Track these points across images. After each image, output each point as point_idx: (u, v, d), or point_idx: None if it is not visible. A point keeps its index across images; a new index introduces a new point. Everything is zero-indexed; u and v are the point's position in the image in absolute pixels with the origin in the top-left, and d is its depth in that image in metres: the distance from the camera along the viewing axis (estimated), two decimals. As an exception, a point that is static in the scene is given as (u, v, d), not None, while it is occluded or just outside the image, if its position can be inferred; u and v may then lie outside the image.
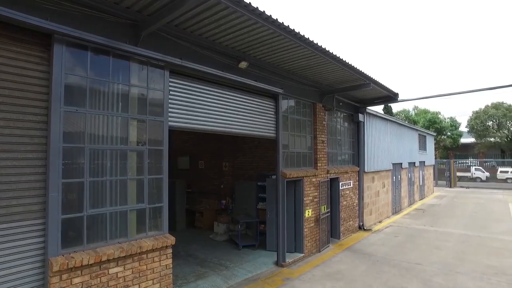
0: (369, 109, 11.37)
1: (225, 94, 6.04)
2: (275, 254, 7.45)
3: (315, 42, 5.68)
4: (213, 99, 5.78)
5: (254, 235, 9.04)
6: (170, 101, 4.96)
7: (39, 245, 3.60)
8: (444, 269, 7.09)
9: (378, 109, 33.96)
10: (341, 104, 9.75)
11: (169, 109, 4.94)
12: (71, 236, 3.83)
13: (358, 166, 10.85)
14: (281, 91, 7.08)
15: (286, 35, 5.21)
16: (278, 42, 5.54)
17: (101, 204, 4.12)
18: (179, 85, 5.18)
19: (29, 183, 3.55)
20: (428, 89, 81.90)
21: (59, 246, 3.67)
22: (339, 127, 10.09)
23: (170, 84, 4.98)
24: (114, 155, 4.28)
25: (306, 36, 5.43)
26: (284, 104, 7.60)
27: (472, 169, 33.74)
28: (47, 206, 3.62)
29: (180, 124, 5.17)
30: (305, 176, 7.95)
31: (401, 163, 15.25)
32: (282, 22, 4.86)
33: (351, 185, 10.38)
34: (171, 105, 4.98)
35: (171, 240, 4.67)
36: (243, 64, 5.93)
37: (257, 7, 4.36)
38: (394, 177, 14.34)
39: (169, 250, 4.69)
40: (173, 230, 9.08)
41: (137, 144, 4.54)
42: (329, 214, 8.93)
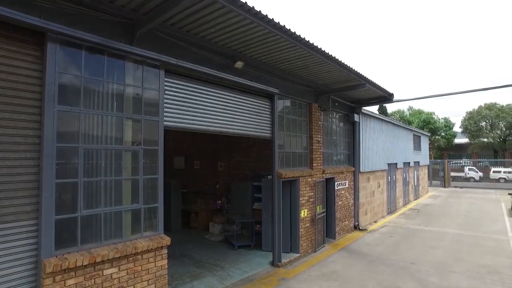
0: (364, 109, 11.42)
1: (221, 94, 6.02)
2: (271, 254, 7.44)
3: (311, 42, 5.69)
4: (209, 99, 5.76)
5: (250, 235, 9.02)
6: (165, 100, 4.93)
7: (31, 247, 3.54)
8: (439, 268, 7.14)
9: (373, 109, 34.20)
10: (336, 104, 9.78)
11: (165, 109, 4.90)
12: (64, 237, 3.78)
13: (354, 166, 10.88)
14: (276, 91, 7.08)
15: (282, 35, 5.20)
16: (274, 42, 5.53)
17: (96, 204, 4.08)
18: (175, 85, 5.15)
19: (22, 183, 3.50)
20: (422, 89, 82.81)
21: (52, 247, 3.62)
22: (335, 127, 10.11)
23: (166, 83, 4.95)
24: (108, 155, 4.24)
25: (302, 36, 5.43)
26: (280, 104, 7.60)
27: (466, 169, 34.08)
28: (40, 206, 3.57)
29: (175, 124, 5.14)
30: (301, 176, 7.95)
31: (396, 163, 15.34)
32: (278, 22, 4.85)
33: (347, 185, 10.41)
34: (166, 105, 4.95)
35: (167, 240, 4.64)
36: (239, 64, 5.92)
37: (253, 7, 4.35)
38: (389, 177, 14.43)
39: (165, 251, 4.66)
40: (168, 230, 9.01)
41: (132, 144, 4.51)
42: (324, 214, 8.95)
